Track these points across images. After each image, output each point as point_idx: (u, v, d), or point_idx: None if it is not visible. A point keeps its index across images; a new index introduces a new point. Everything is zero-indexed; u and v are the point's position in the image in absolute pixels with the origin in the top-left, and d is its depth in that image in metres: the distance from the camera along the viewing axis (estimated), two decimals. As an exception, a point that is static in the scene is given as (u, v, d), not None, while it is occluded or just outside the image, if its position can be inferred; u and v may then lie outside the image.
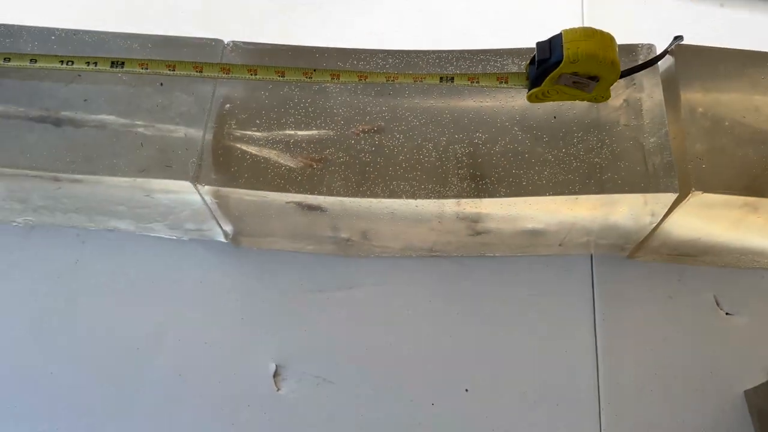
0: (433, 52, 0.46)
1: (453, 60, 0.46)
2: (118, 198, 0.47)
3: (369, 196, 0.42)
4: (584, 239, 0.49)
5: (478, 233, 0.47)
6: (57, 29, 0.47)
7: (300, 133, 0.44)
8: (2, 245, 0.51)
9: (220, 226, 0.49)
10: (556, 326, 0.48)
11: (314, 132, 0.44)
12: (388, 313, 0.49)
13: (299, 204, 0.45)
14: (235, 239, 0.51)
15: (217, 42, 0.46)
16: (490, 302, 0.49)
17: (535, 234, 0.48)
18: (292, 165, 0.44)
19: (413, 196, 0.42)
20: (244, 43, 0.46)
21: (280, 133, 0.44)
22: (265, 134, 0.44)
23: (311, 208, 0.45)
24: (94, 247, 0.51)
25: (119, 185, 0.45)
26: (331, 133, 0.44)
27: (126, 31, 0.47)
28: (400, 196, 0.42)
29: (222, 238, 0.51)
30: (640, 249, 0.49)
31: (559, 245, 0.49)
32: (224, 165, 0.43)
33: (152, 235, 0.52)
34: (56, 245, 0.51)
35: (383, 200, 0.42)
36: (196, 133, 0.44)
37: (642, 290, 0.50)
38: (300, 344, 0.48)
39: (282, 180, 0.43)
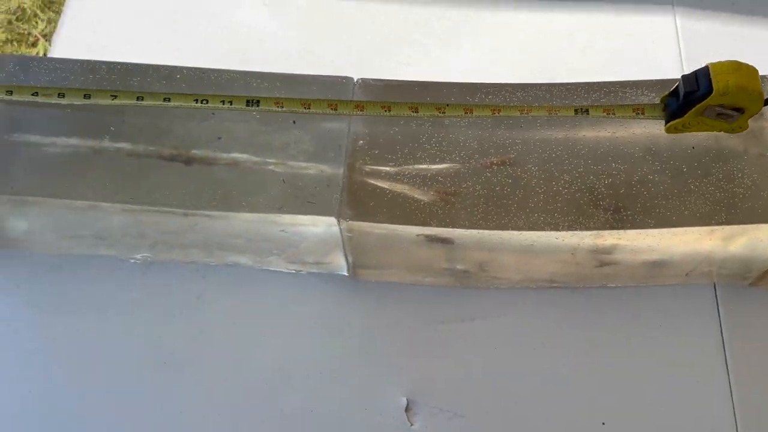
0: (562, 84, 0.46)
1: (581, 92, 0.46)
2: (243, 233, 0.47)
3: (511, 229, 0.42)
4: (708, 269, 0.49)
5: (605, 264, 0.47)
6: (183, 68, 0.48)
7: (433, 167, 0.45)
8: (121, 282, 0.51)
9: (347, 260, 0.49)
10: (685, 356, 0.48)
11: (447, 165, 0.45)
12: (514, 345, 0.49)
13: (429, 237, 0.45)
14: (354, 272, 0.51)
15: (347, 79, 0.47)
16: (617, 333, 0.49)
17: (660, 265, 0.47)
18: (426, 199, 0.44)
19: (556, 228, 0.42)
20: (374, 80, 0.47)
21: (413, 167, 0.45)
22: (398, 169, 0.44)
23: (443, 241, 0.45)
24: (214, 282, 0.51)
25: (255, 221, 0.45)
26: (464, 167, 0.44)
27: (248, 69, 0.48)
28: (542, 228, 0.42)
29: (343, 271, 0.51)
30: (765, 277, 0.49)
31: (686, 275, 0.49)
32: (362, 200, 0.43)
33: (270, 269, 0.52)
34: (176, 281, 0.51)
35: (525, 233, 0.42)
36: (331, 169, 0.44)
37: (766, 318, 0.49)
38: (428, 378, 0.48)
39: (422, 214, 0.43)
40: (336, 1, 0.63)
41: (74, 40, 0.63)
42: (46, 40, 1.28)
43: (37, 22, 1.30)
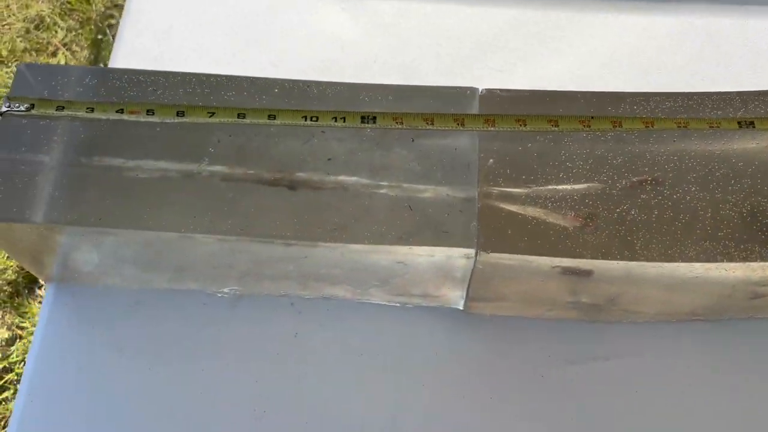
0: (716, 93, 0.41)
1: (736, 102, 0.41)
2: (344, 263, 0.42)
3: (680, 260, 0.37)
4: None
5: (758, 297, 0.42)
6: (284, 80, 0.43)
7: (576, 187, 0.39)
8: (208, 320, 0.46)
9: (467, 293, 0.44)
10: None
11: (590, 185, 0.39)
12: (658, 387, 0.43)
13: (567, 269, 0.40)
14: (468, 305, 0.46)
15: (472, 90, 0.42)
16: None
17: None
18: (569, 225, 0.39)
19: (730, 258, 0.37)
20: (501, 90, 0.42)
21: (552, 188, 0.39)
22: (535, 191, 0.39)
23: (581, 273, 0.40)
24: (312, 317, 0.46)
25: (365, 251, 0.40)
26: (612, 188, 0.39)
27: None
28: (715, 259, 0.37)
29: (458, 305, 0.46)
30: None
31: None
32: (500, 228, 0.38)
33: (372, 302, 0.46)
34: (270, 316, 0.46)
35: (694, 264, 0.37)
36: (458, 192, 0.39)
37: None
38: (563, 426, 0.42)
39: (572, 243, 0.38)
40: (420, 5, 0.58)
41: (137, 49, 0.57)
42: (67, 50, 1.23)
43: (56, 31, 1.25)
